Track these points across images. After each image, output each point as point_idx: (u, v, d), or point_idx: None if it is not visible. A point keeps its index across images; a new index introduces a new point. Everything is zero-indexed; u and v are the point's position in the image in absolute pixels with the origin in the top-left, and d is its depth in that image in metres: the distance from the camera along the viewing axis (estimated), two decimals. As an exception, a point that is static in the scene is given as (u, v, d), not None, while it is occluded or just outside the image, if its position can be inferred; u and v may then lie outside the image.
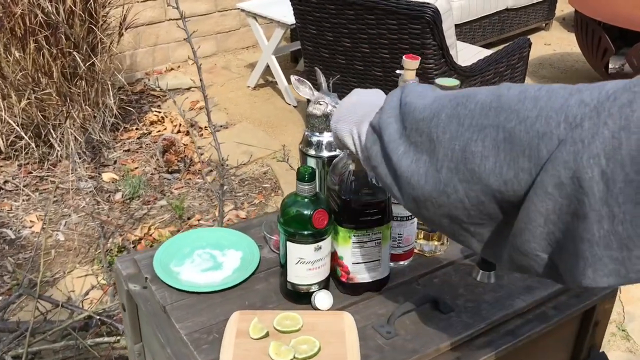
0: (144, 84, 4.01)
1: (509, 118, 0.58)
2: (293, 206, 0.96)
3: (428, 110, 0.67)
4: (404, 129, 0.70)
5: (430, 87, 0.74)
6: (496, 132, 0.59)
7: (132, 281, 1.07)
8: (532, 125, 0.56)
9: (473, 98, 0.63)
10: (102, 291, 2.22)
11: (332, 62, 2.89)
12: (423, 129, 0.67)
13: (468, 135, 0.61)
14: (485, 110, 0.61)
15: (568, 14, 5.54)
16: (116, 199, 2.86)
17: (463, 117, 0.62)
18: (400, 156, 0.69)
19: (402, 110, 0.71)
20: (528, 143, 0.56)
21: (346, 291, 1.03)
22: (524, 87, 0.61)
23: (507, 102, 0.59)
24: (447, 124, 0.64)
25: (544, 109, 0.56)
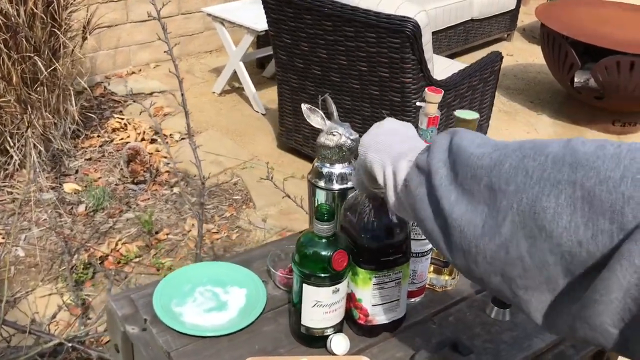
0: (104, 87, 3.86)
1: (588, 175, 0.54)
2: (310, 246, 0.91)
3: (487, 159, 0.63)
4: (455, 175, 0.65)
5: (481, 135, 0.70)
6: (572, 189, 0.54)
7: (129, 322, 0.99)
8: (615, 187, 0.52)
9: (542, 150, 0.59)
10: (69, 312, 2.10)
11: (307, 72, 2.83)
12: (481, 177, 0.62)
13: (538, 189, 0.57)
14: (558, 165, 0.56)
15: (529, 24, 5.65)
16: (79, 211, 2.73)
17: (532, 170, 0.58)
18: (452, 203, 0.65)
19: (454, 155, 0.67)
20: (610, 204, 0.52)
21: (362, 333, 0.98)
22: (599, 142, 0.57)
23: (585, 158, 0.55)
24: (512, 175, 0.59)
25: (629, 170, 0.52)
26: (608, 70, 3.41)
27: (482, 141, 0.67)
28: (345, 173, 1.04)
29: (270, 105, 3.76)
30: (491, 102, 3.19)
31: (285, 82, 3.00)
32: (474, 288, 1.12)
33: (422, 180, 0.70)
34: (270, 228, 2.72)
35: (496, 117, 3.82)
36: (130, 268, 2.43)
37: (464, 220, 0.63)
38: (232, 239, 2.64)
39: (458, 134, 0.69)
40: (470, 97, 2.97)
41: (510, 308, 1.05)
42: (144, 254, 2.51)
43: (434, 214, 0.68)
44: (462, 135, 0.69)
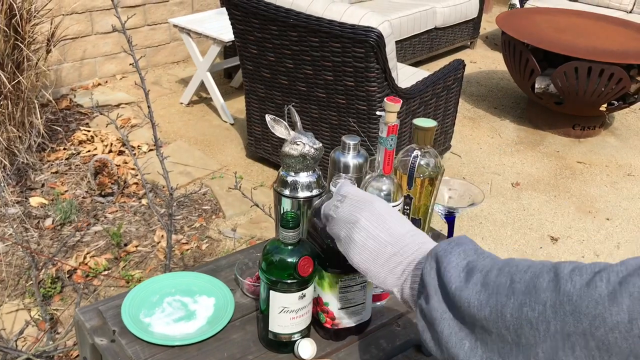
0: (70, 100, 3.83)
1: (595, 325, 0.53)
2: (276, 254, 0.93)
3: (487, 310, 0.61)
4: (462, 321, 0.64)
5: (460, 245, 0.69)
6: (584, 341, 0.54)
7: (97, 334, 1.00)
8: (628, 332, 0.51)
9: (537, 297, 0.58)
10: (37, 328, 2.08)
11: (274, 82, 2.86)
12: (490, 329, 0.61)
13: (550, 343, 0.56)
14: (560, 316, 0.55)
15: (491, 32, 5.78)
16: (46, 225, 2.70)
17: (535, 322, 0.57)
18: (467, 354, 0.63)
19: (449, 299, 0.66)
20: (630, 350, 0.52)
21: (329, 337, 1.00)
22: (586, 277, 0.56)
23: (583, 304, 0.54)
24: (518, 326, 0.58)
25: (634, 311, 0.51)
26: (567, 76, 3.51)
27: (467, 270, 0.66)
28: (311, 181, 1.06)
29: (238, 115, 3.78)
30: (455, 109, 3.26)
31: (253, 92, 3.02)
32: (437, 290, 1.15)
33: (425, 327, 0.69)
34: (240, 237, 2.73)
35: (461, 123, 3.90)
36: (99, 281, 2.41)
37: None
38: (202, 249, 2.65)
39: (442, 266, 0.68)
40: (435, 104, 3.03)
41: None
42: (113, 267, 2.50)
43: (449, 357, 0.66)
44: (447, 268, 0.67)
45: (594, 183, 3.42)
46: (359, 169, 1.10)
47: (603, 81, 3.46)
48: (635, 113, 4.35)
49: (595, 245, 2.88)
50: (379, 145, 0.97)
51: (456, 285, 0.65)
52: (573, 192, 3.31)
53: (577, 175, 3.48)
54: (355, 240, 0.79)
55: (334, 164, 1.11)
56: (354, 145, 1.09)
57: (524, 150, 3.70)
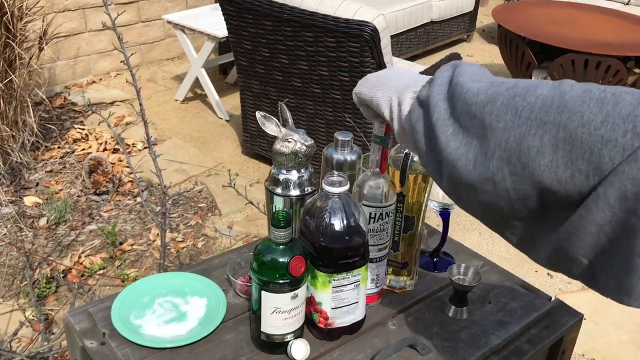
0: (64, 98, 3.80)
1: (572, 118, 0.57)
2: (268, 253, 0.91)
3: (482, 95, 0.65)
4: (453, 109, 0.68)
5: (483, 69, 0.72)
6: (556, 130, 0.58)
7: (87, 337, 0.98)
8: (596, 129, 0.55)
9: (533, 91, 0.62)
10: (32, 329, 2.06)
11: (269, 78, 2.84)
12: (475, 113, 0.65)
13: (525, 128, 0.60)
14: (546, 107, 0.59)
15: (487, 25, 5.75)
16: (41, 224, 2.68)
17: (521, 109, 0.61)
18: (448, 137, 0.67)
19: (453, 89, 0.69)
20: (590, 146, 0.55)
21: (323, 337, 0.99)
22: (587, 86, 0.59)
23: (571, 101, 0.58)
24: (503, 112, 0.62)
25: (611, 115, 0.55)
26: (563, 68, 3.49)
27: (480, 76, 0.69)
28: (303, 179, 1.05)
29: (234, 111, 3.75)
30: (452, 103, 3.24)
31: (248, 88, 3.00)
32: (433, 288, 1.14)
33: (421, 114, 0.72)
34: (236, 235, 2.71)
35: (458, 117, 3.88)
36: (94, 280, 2.39)
37: (457, 154, 0.66)
38: (197, 247, 2.63)
39: (459, 68, 0.71)
40: (431, 98, 3.01)
41: (468, 306, 1.07)
42: (108, 266, 2.48)
43: (431, 147, 0.70)
44: (463, 69, 0.70)
45: (592, 176, 3.40)
46: (352, 165, 1.09)
47: (600, 73, 3.44)
48: (633, 105, 4.33)
49: (593, 238, 2.87)
50: (374, 143, 0.95)
51: (465, 79, 0.68)
52: (571, 185, 3.30)
53: (575, 169, 3.46)
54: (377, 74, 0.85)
55: (326, 161, 1.10)
56: (346, 142, 1.07)
57: (521, 144, 3.68)
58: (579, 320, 1.12)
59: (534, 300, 1.12)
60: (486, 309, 1.09)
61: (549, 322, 1.09)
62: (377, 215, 0.98)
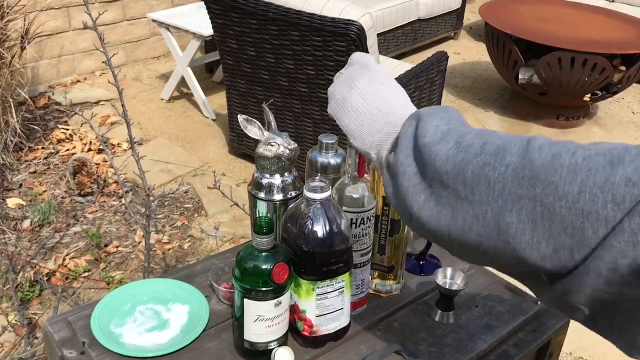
0: (48, 97, 3.76)
1: (547, 191, 0.54)
2: (250, 260, 0.89)
3: (451, 164, 0.63)
4: (423, 174, 0.66)
5: (445, 113, 0.70)
6: (533, 205, 0.55)
7: (66, 347, 0.96)
8: (574, 202, 0.52)
9: (502, 159, 0.59)
10: (14, 333, 2.03)
11: (255, 77, 2.81)
12: (447, 183, 0.63)
13: (501, 202, 0.58)
14: (518, 179, 0.57)
15: (474, 23, 5.76)
16: (24, 226, 2.64)
17: (493, 182, 0.59)
18: (421, 204, 0.65)
19: (420, 153, 0.67)
20: (570, 221, 0.53)
21: (307, 344, 0.97)
22: (556, 149, 0.57)
23: (542, 172, 0.55)
24: (475, 184, 0.60)
25: (586, 184, 0.52)
26: (550, 66, 3.49)
27: (444, 132, 0.66)
28: (287, 183, 1.03)
29: (220, 110, 3.72)
30: (439, 102, 3.23)
31: (234, 87, 2.98)
32: (420, 292, 1.13)
33: (390, 181, 0.71)
34: (223, 236, 2.69)
35: (445, 115, 3.87)
36: (79, 283, 2.36)
37: (431, 222, 0.65)
38: (184, 248, 2.60)
39: (421, 124, 0.68)
40: (418, 97, 3.00)
41: (454, 310, 1.06)
42: (93, 268, 2.45)
43: (405, 212, 0.69)
44: (425, 126, 0.68)
45: (579, 174, 3.41)
46: (337, 168, 1.07)
47: (586, 71, 3.45)
48: (619, 102, 4.35)
49: (580, 236, 2.87)
50: (350, 148, 0.94)
51: (429, 140, 0.66)
52: (558, 183, 3.30)
53: (562, 166, 3.47)
54: (349, 101, 0.78)
55: (311, 164, 1.08)
56: (331, 144, 1.05)
57: (508, 142, 3.68)
58: (566, 323, 1.11)
59: (520, 304, 1.11)
60: (473, 313, 1.08)
61: (535, 325, 1.08)
62: (358, 220, 0.96)
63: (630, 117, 4.15)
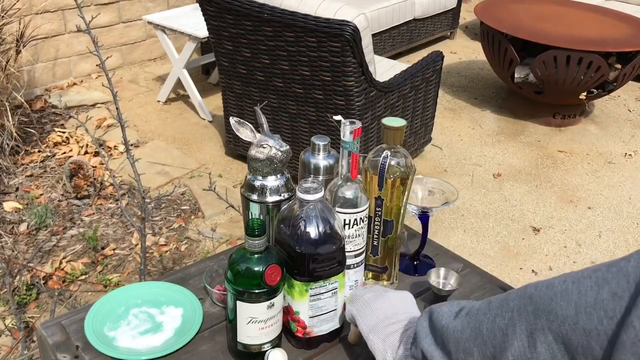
0: (45, 100, 3.76)
1: (549, 319, 0.59)
2: (242, 263, 0.89)
3: (468, 331, 0.69)
4: (448, 353, 0.72)
5: (452, 304, 0.77)
6: (544, 335, 0.60)
7: (60, 350, 0.96)
8: (575, 324, 0.57)
9: (506, 306, 0.65)
10: (12, 337, 2.03)
11: (250, 78, 2.81)
12: (471, 350, 0.68)
13: (517, 343, 0.62)
14: (524, 316, 0.62)
15: (470, 22, 5.76)
16: (21, 230, 2.64)
17: (505, 328, 0.64)
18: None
19: (439, 336, 0.73)
20: (578, 341, 0.57)
21: (301, 346, 0.98)
22: (548, 282, 0.62)
23: (541, 302, 0.61)
24: (492, 337, 0.66)
25: (580, 305, 0.57)
26: (546, 65, 3.50)
27: (455, 312, 0.73)
28: (279, 185, 1.03)
29: (217, 112, 3.73)
30: (435, 101, 3.23)
31: (230, 88, 2.98)
32: (413, 292, 1.13)
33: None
34: (220, 237, 2.69)
35: (441, 114, 3.88)
36: (76, 286, 2.36)
37: None
38: (181, 250, 2.60)
39: (435, 313, 0.76)
40: (414, 97, 3.00)
41: (448, 310, 1.06)
42: (90, 271, 2.45)
43: None
44: (438, 312, 0.76)
45: (575, 172, 3.41)
46: (330, 170, 1.07)
47: (582, 69, 3.45)
48: (615, 100, 4.35)
49: (577, 234, 2.88)
50: (342, 149, 0.94)
51: (446, 321, 0.73)
52: (554, 181, 3.31)
53: (559, 165, 3.48)
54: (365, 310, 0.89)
55: (304, 165, 1.08)
56: (324, 146, 1.06)
57: (505, 141, 3.69)
58: (560, 321, 1.11)
59: (514, 303, 1.11)
60: (466, 313, 1.08)
61: (529, 324, 1.08)
62: (352, 221, 0.97)
63: (627, 115, 4.16)
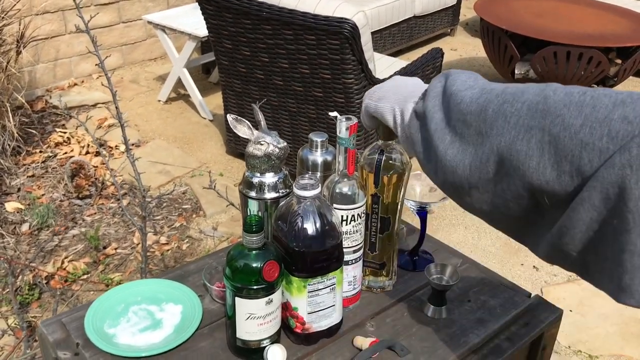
0: (45, 101, 3.76)
1: (555, 122, 0.61)
2: (240, 259, 0.90)
3: (475, 105, 0.70)
4: (449, 119, 0.73)
5: (474, 74, 0.76)
6: (542, 135, 0.62)
7: (61, 348, 0.97)
8: (576, 134, 0.59)
9: (520, 97, 0.66)
10: (14, 337, 2.04)
11: (250, 77, 2.82)
12: (470, 122, 0.70)
13: (514, 133, 0.64)
14: (532, 112, 0.64)
15: (471, 19, 5.76)
16: (23, 230, 2.65)
17: (509, 115, 0.65)
18: (447, 146, 0.72)
19: (447, 99, 0.73)
20: (571, 150, 0.59)
21: (300, 342, 0.98)
22: (570, 89, 0.63)
23: (554, 105, 0.62)
24: (494, 119, 0.67)
25: (589, 118, 0.59)
26: (546, 60, 3.49)
27: (472, 82, 0.74)
28: (277, 182, 1.03)
29: (217, 110, 3.73)
30: (435, 98, 3.23)
31: (230, 87, 2.98)
32: (412, 287, 1.13)
33: (419, 126, 0.77)
34: (221, 236, 2.69)
35: (442, 111, 3.87)
36: (78, 286, 2.37)
37: (456, 161, 0.71)
38: (182, 249, 2.61)
39: (451, 77, 0.76)
40: (414, 94, 3.00)
41: (447, 305, 1.07)
42: (92, 271, 2.46)
43: (430, 155, 0.75)
44: (454, 78, 0.75)
45: (576, 167, 3.41)
46: (328, 166, 1.08)
47: (582, 65, 3.45)
48: (616, 96, 4.35)
49: (578, 230, 2.87)
50: (339, 145, 0.94)
51: (457, 87, 0.73)
52: (555, 177, 3.30)
53: (559, 160, 3.47)
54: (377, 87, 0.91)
55: (301, 162, 1.09)
56: (321, 142, 1.06)
57: (505, 137, 3.68)
58: (559, 316, 1.12)
59: (513, 297, 1.12)
60: (465, 308, 1.09)
61: (528, 319, 1.08)
62: (349, 217, 0.97)
63: (628, 110, 4.15)
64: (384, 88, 0.89)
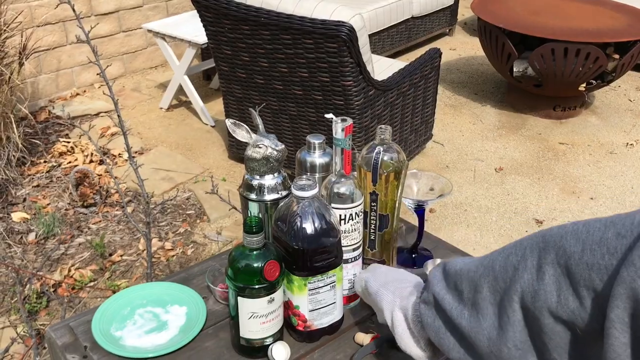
0: (49, 111, 3.80)
1: (559, 254, 0.64)
2: (242, 260, 0.92)
3: (482, 269, 0.73)
4: (460, 293, 0.75)
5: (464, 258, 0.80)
6: (553, 269, 0.64)
7: (69, 351, 0.99)
8: (580, 259, 0.61)
9: (520, 245, 0.69)
10: (24, 345, 2.06)
11: (250, 82, 2.85)
12: (482, 286, 0.72)
13: (527, 276, 0.66)
14: (535, 252, 0.66)
15: (469, 18, 5.78)
16: (29, 239, 2.68)
17: (517, 264, 0.68)
18: (469, 321, 0.73)
19: (452, 278, 0.76)
20: (581, 275, 0.61)
21: (302, 339, 1.00)
22: (560, 225, 0.66)
23: (552, 241, 0.65)
24: (504, 273, 0.69)
25: (587, 243, 0.61)
26: (544, 58, 3.51)
27: (468, 259, 0.77)
28: (276, 183, 1.06)
29: (219, 116, 3.76)
30: (434, 98, 3.25)
31: (230, 93, 3.01)
32: (412, 284, 1.15)
33: (434, 314, 0.79)
34: (225, 240, 2.72)
35: (442, 111, 3.90)
36: (85, 293, 2.40)
37: (485, 330, 0.71)
38: (187, 254, 2.64)
39: (448, 263, 0.80)
40: (413, 94, 3.02)
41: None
42: (98, 278, 2.48)
43: (458, 337, 0.75)
44: (451, 262, 0.79)
45: (577, 163, 3.43)
46: (326, 167, 1.10)
47: (580, 61, 3.47)
48: (615, 91, 4.36)
49: (580, 225, 2.89)
50: (335, 146, 0.97)
51: (460, 267, 0.76)
52: (556, 173, 3.32)
53: (560, 157, 3.49)
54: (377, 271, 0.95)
55: (300, 163, 1.11)
56: (319, 144, 1.08)
57: (506, 135, 3.70)
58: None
59: (511, 291, 1.13)
60: (464, 303, 1.10)
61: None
62: (347, 216, 0.99)
63: (627, 105, 4.16)
64: (386, 275, 0.92)
